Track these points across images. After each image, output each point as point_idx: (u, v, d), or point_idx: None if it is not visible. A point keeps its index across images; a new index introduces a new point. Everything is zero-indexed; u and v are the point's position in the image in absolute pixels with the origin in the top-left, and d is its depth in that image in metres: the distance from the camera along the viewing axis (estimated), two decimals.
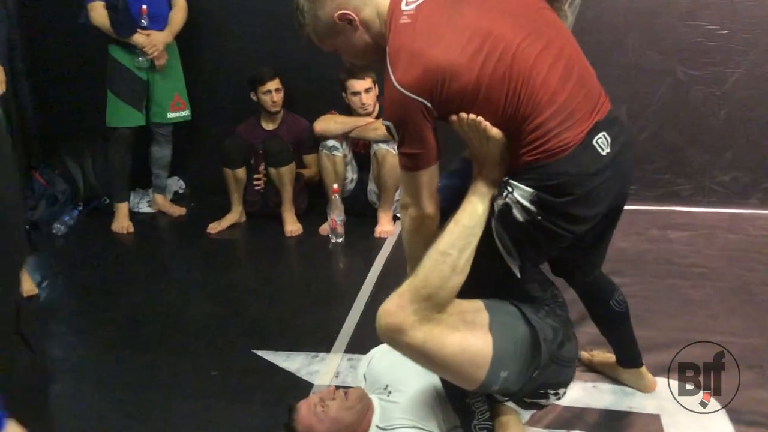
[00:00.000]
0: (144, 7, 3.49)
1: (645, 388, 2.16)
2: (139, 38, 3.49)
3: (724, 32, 3.42)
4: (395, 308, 1.52)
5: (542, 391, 1.76)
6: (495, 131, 1.51)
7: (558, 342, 1.72)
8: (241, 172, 3.65)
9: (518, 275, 1.64)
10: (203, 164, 4.11)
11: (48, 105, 4.25)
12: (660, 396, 2.14)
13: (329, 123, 3.56)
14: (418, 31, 1.50)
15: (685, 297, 2.78)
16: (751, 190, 3.64)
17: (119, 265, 3.45)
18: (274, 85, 3.65)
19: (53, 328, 2.76)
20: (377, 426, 1.82)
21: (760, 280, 2.88)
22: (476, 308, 1.64)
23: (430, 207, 1.61)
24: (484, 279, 1.66)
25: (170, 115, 3.75)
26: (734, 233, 3.39)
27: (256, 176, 3.73)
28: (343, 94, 3.53)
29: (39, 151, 4.22)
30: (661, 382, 2.20)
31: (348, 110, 3.56)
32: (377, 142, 3.43)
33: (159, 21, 3.57)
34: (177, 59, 3.74)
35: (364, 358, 2.13)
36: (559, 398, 1.81)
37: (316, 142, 3.64)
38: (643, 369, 2.16)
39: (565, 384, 1.80)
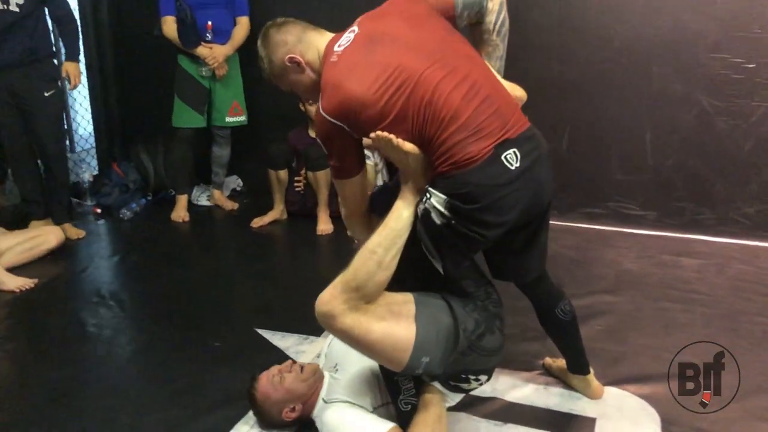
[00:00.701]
0: (209, 23, 3.94)
1: (591, 395, 2.31)
2: (202, 50, 3.95)
3: (751, 66, 3.45)
4: (328, 297, 1.77)
5: (464, 376, 1.97)
6: (408, 146, 1.76)
7: (478, 333, 1.92)
8: (283, 174, 4.03)
9: (441, 272, 1.88)
10: (258, 165, 4.51)
11: (131, 106, 4.81)
12: (605, 403, 2.28)
13: None
14: (340, 67, 1.82)
15: (670, 320, 2.86)
16: None
17: (168, 248, 3.91)
18: None
19: (97, 299, 3.20)
20: (322, 399, 2.07)
21: (753, 311, 2.91)
22: (405, 300, 1.87)
23: (353, 209, 1.98)
24: (421, 275, 1.91)
25: (228, 119, 4.18)
26: (747, 265, 3.40)
27: (296, 178, 4.10)
28: None
29: (119, 145, 4.79)
30: (611, 391, 2.35)
31: None
32: None
33: (222, 35, 4.01)
34: (237, 70, 4.17)
35: (327, 339, 2.40)
36: (481, 384, 2.02)
37: None
38: (590, 377, 2.31)
39: (486, 372, 2.01)
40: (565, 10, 3.72)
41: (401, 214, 1.82)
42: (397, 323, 1.82)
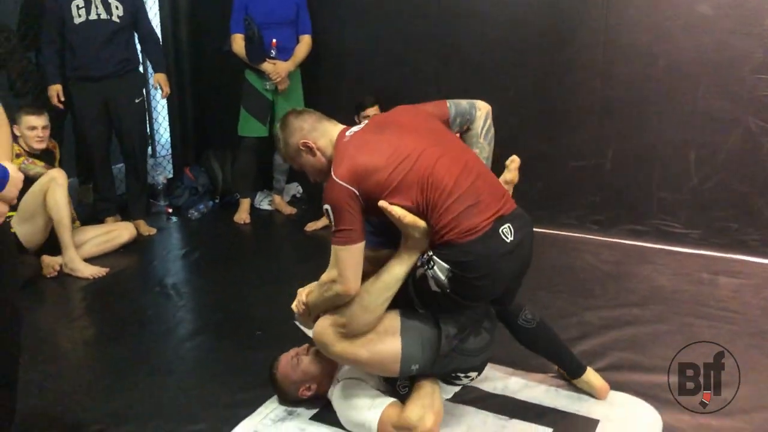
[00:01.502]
0: (274, 40, 4.24)
1: (597, 394, 2.42)
2: (267, 66, 4.26)
3: None
4: (320, 329, 2.11)
5: (454, 375, 2.22)
6: (410, 218, 1.98)
7: (461, 337, 2.15)
8: None
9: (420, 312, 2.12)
10: None
11: (204, 116, 5.20)
12: (612, 406, 2.39)
13: None
14: (352, 144, 2.08)
15: (693, 334, 2.89)
16: None
17: (229, 247, 4.23)
18: (373, 111, 4.23)
19: (159, 288, 3.53)
20: (337, 378, 2.31)
21: None
22: (390, 316, 2.11)
23: (353, 283, 2.00)
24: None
25: None
26: None
27: None
28: None
29: (192, 152, 5.18)
30: (620, 395, 2.44)
31: None
32: None
33: (286, 52, 4.31)
34: (299, 84, 4.46)
35: None
36: (471, 380, 2.28)
37: None
38: (587, 377, 2.42)
39: (474, 369, 2.24)
40: (611, 29, 3.81)
41: (395, 271, 2.05)
42: (382, 342, 2.08)
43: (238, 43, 4.27)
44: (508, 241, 2.01)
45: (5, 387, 2.06)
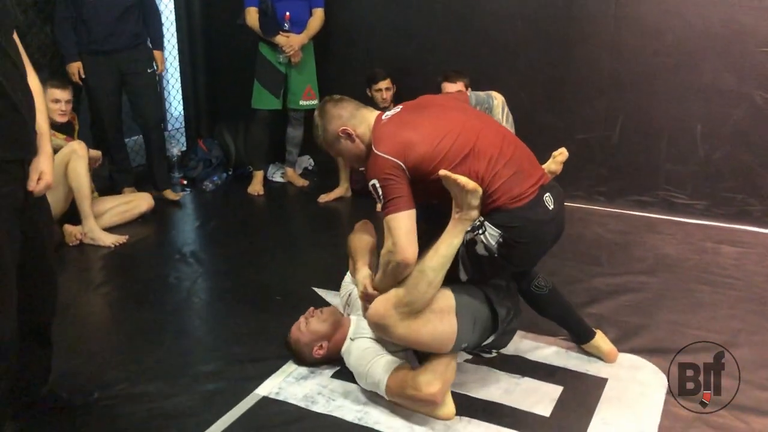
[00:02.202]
0: (287, 13, 4.29)
1: (606, 358, 2.52)
2: (280, 39, 4.32)
3: None
4: (383, 311, 2.10)
5: (487, 350, 2.34)
6: (472, 185, 2.03)
7: (509, 319, 2.27)
8: None
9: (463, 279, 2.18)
10: None
11: (216, 89, 5.27)
12: (619, 366, 2.50)
13: None
14: (392, 125, 2.17)
15: (697, 300, 3.02)
16: None
17: (244, 217, 4.34)
18: (384, 84, 4.31)
19: (178, 256, 3.63)
20: (350, 338, 2.39)
21: None
22: (445, 296, 2.16)
23: (410, 250, 2.02)
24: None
25: (302, 102, 4.55)
26: None
27: None
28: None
29: (205, 124, 5.25)
30: (627, 357, 2.55)
31: None
32: None
33: (299, 25, 4.36)
34: (312, 57, 4.52)
35: (342, 292, 2.69)
36: (496, 355, 2.41)
37: None
38: (597, 341, 2.52)
39: (505, 346, 2.39)
40: (621, 4, 3.87)
41: (452, 242, 2.10)
42: (441, 321, 2.13)
43: (252, 16, 4.32)
44: (550, 208, 2.13)
45: (43, 345, 2.18)
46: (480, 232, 2.09)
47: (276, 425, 2.17)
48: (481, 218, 2.10)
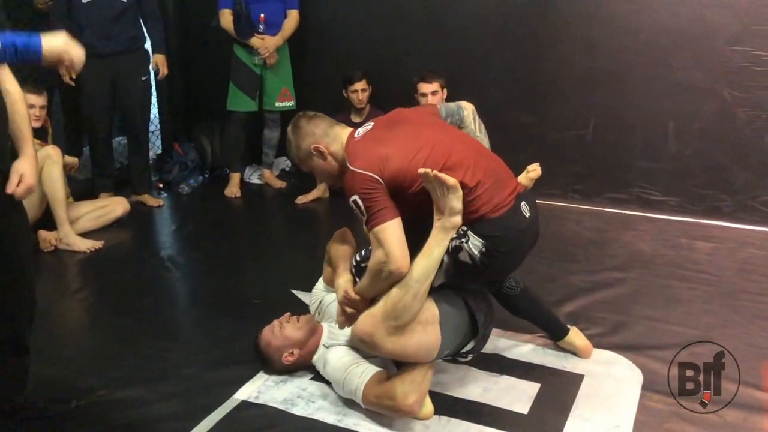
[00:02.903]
0: (262, 15, 4.29)
1: (581, 354, 2.55)
2: (255, 41, 4.31)
3: None
4: (370, 328, 2.07)
5: (463, 354, 2.34)
6: (452, 180, 2.01)
7: (486, 324, 2.30)
8: None
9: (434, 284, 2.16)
10: None
11: (192, 91, 5.24)
12: (595, 363, 2.53)
13: None
14: (366, 142, 2.18)
15: (672, 295, 3.07)
16: None
17: (221, 220, 4.32)
18: (360, 86, 4.31)
19: (156, 260, 3.61)
20: (323, 345, 2.39)
21: (755, 291, 3.09)
22: (429, 306, 2.15)
23: (403, 259, 2.01)
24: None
25: (278, 104, 4.54)
26: (760, 250, 3.55)
27: None
28: (415, 95, 4.11)
29: (181, 126, 5.22)
30: (603, 353, 2.59)
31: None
32: None
33: (274, 27, 4.35)
34: (287, 59, 4.52)
35: (313, 299, 2.65)
36: (471, 358, 2.41)
37: None
38: (571, 337, 2.55)
39: (481, 349, 2.40)
40: (593, 3, 3.92)
41: (433, 252, 2.07)
42: (426, 332, 2.13)
43: (226, 18, 4.31)
44: (527, 216, 2.16)
45: (20, 353, 2.15)
46: (465, 240, 2.10)
47: (255, 429, 2.17)
48: (464, 227, 2.10)
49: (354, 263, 2.38)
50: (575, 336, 2.56)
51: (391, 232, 2.03)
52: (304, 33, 4.55)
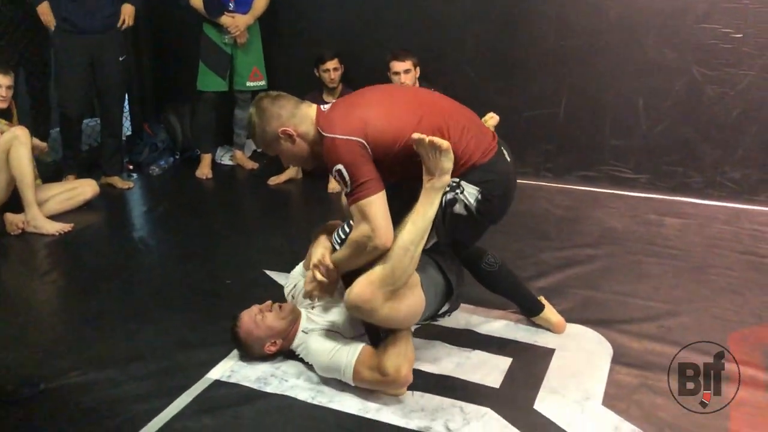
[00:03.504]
0: None
1: (555, 329, 2.58)
2: (225, 19, 4.25)
3: (738, 36, 3.62)
4: (369, 295, 2.00)
5: (441, 314, 2.36)
6: (446, 144, 1.98)
7: (459, 284, 2.31)
8: None
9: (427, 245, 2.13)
10: None
11: (161, 71, 5.16)
12: (566, 337, 2.56)
13: None
14: (341, 108, 2.13)
15: (643, 270, 3.10)
16: (760, 188, 3.82)
17: (192, 201, 4.28)
18: (332, 64, 4.27)
19: (126, 242, 3.58)
20: (302, 331, 2.35)
21: (722, 265, 3.14)
22: None
23: (388, 233, 1.98)
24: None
25: (249, 83, 4.49)
26: (729, 225, 3.61)
27: None
28: (388, 74, 4.08)
29: (150, 107, 5.14)
30: (575, 327, 2.61)
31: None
32: None
33: (244, 5, 4.29)
34: (258, 38, 4.47)
35: (290, 281, 2.63)
36: (448, 316, 2.43)
37: None
38: (546, 314, 2.57)
39: (457, 308, 2.42)
40: None
41: (427, 212, 2.05)
42: (413, 296, 2.11)
43: None
44: (509, 160, 2.18)
45: None
46: (459, 191, 2.08)
47: (228, 406, 2.16)
48: (456, 179, 2.07)
49: (338, 239, 2.30)
50: (549, 312, 2.58)
51: (377, 205, 1.99)
52: (275, 11, 4.50)
